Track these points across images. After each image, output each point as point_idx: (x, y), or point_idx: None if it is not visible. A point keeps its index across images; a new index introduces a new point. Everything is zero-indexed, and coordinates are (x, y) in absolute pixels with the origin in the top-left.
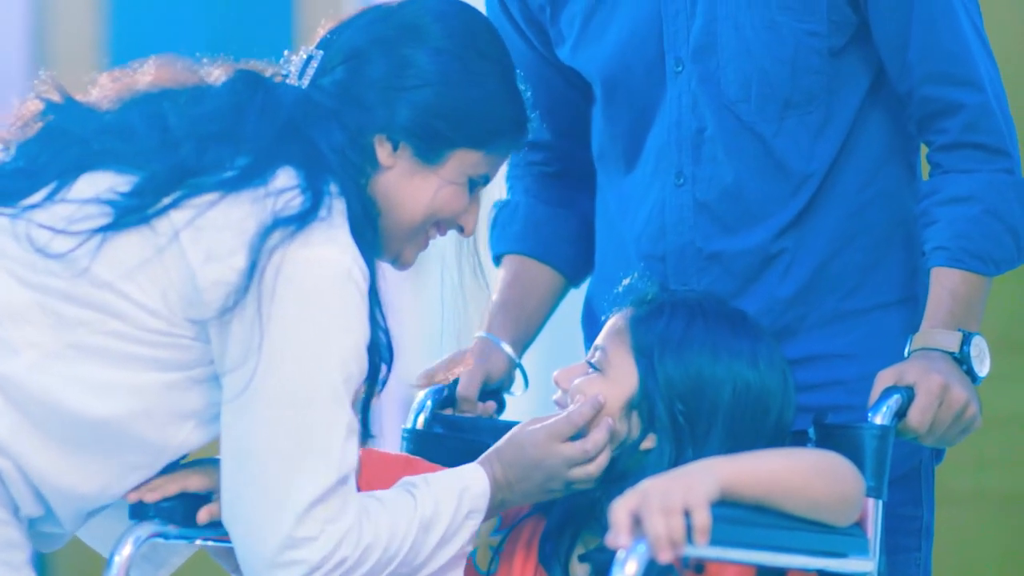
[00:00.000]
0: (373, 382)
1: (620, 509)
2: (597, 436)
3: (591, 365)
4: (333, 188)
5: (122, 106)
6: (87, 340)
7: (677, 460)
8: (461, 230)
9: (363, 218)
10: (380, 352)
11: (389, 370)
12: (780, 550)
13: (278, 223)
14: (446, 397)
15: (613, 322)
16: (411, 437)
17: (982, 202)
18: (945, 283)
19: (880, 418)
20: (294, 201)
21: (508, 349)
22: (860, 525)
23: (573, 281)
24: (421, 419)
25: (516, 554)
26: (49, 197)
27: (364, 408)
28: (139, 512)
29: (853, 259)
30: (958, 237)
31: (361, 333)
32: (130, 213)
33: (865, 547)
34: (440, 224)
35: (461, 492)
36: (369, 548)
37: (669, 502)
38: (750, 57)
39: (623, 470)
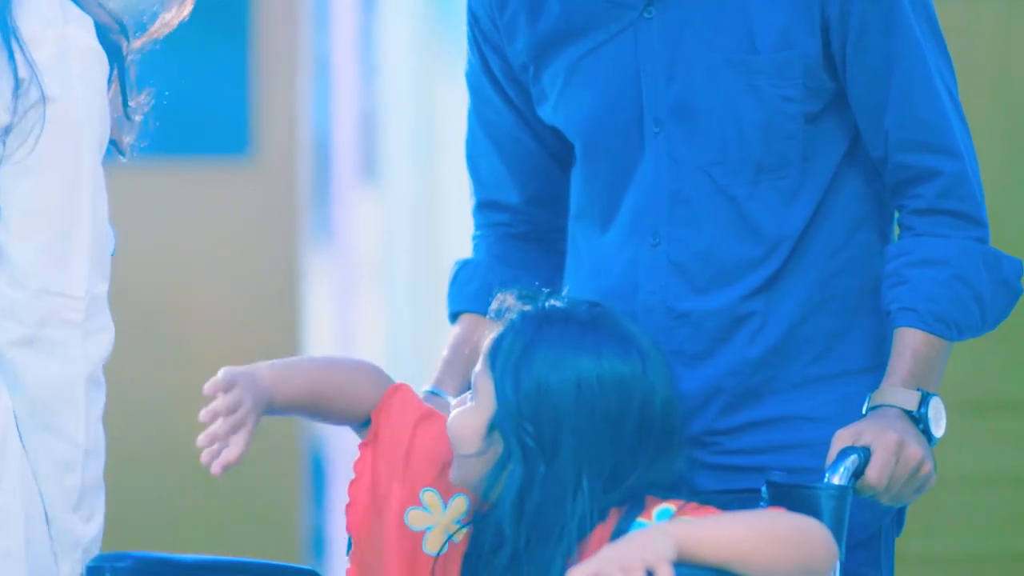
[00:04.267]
0: None
1: (578, 574)
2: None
3: (471, 394)
4: None
5: None
6: None
7: (530, 479)
8: None
9: None
10: None
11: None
12: None
13: None
14: None
15: (485, 344)
16: None
17: (952, 267)
18: (909, 343)
19: (837, 478)
20: None
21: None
22: None
23: None
24: None
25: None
26: None
27: None
28: (94, 573)
29: (823, 324)
30: (926, 299)
31: None
32: None
33: None
34: None
35: None
36: None
37: (628, 562)
38: (725, 121)
39: (489, 496)
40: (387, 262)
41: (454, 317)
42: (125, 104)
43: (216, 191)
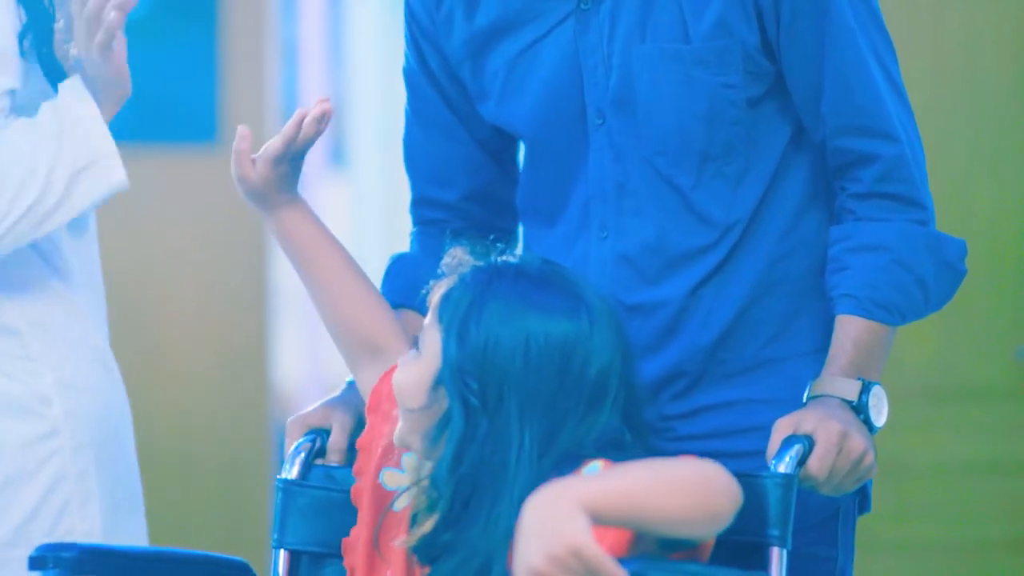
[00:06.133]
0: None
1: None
2: None
3: (416, 349)
4: None
5: None
6: None
7: (471, 436)
8: None
9: None
10: None
11: None
12: None
13: None
14: (319, 448)
15: (432, 297)
16: (285, 487)
17: (892, 252)
18: (849, 331)
19: (783, 467)
20: None
21: None
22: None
23: None
24: (296, 469)
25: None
26: None
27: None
28: (39, 564)
29: (774, 306)
30: (866, 286)
31: None
32: None
33: None
34: None
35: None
36: None
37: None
38: (666, 111)
39: (430, 455)
40: (355, 248)
41: None
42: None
43: (183, 178)
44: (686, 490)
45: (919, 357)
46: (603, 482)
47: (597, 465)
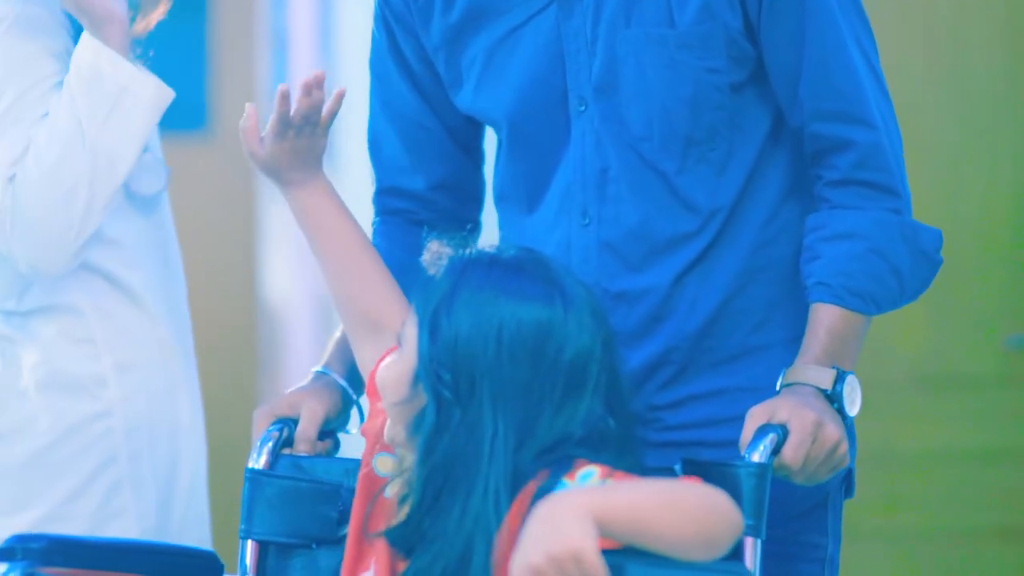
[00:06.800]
0: None
1: None
2: None
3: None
4: None
5: None
6: None
7: (443, 427)
8: None
9: None
10: None
11: None
12: None
13: None
14: (287, 438)
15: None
16: (253, 477)
17: (867, 240)
18: (823, 319)
19: (758, 456)
20: None
21: (345, 386)
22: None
23: None
24: (263, 459)
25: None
26: None
27: None
28: (7, 555)
29: (759, 294)
30: (840, 274)
31: None
32: None
33: None
34: None
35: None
36: None
37: (557, 555)
38: (650, 96)
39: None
40: None
41: None
42: None
43: (173, 166)
44: (693, 516)
45: (909, 345)
46: (616, 496)
47: (594, 470)
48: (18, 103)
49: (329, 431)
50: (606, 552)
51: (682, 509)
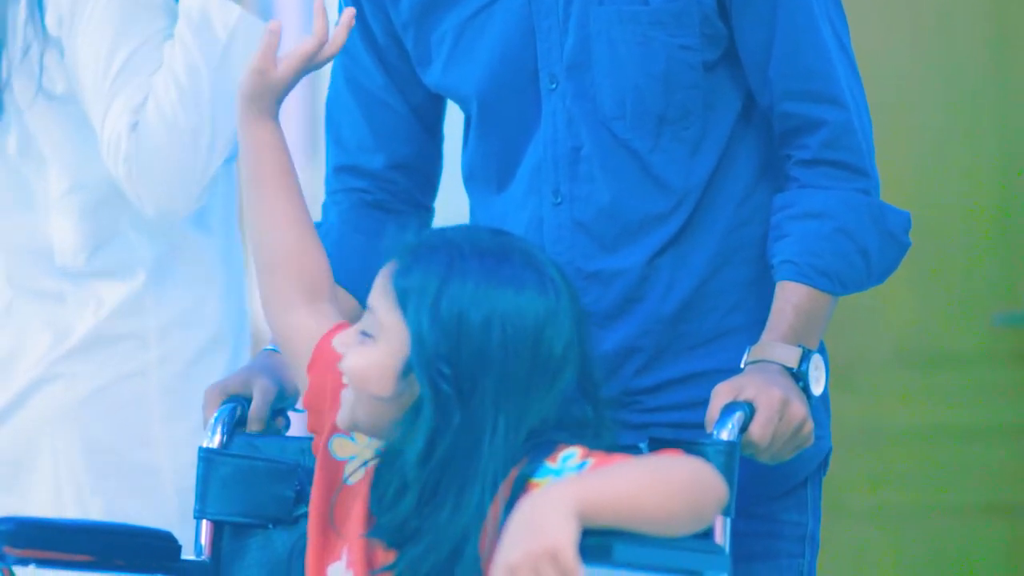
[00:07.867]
0: None
1: None
2: None
3: (364, 333)
4: None
5: None
6: None
7: (444, 425)
8: None
9: None
10: None
11: None
12: (638, 568)
13: None
14: (241, 416)
15: (379, 278)
16: (207, 456)
17: (835, 220)
18: (790, 297)
19: (726, 433)
20: None
21: None
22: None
23: None
24: (217, 438)
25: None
26: None
27: None
28: None
29: (734, 275)
30: (807, 253)
31: None
32: None
33: (724, 564)
34: None
35: None
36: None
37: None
38: (623, 73)
39: (401, 443)
40: None
41: None
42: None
43: None
44: (680, 492)
45: (895, 323)
46: (601, 484)
47: (575, 452)
48: (135, 56)
49: (280, 409)
50: (592, 531)
51: (672, 487)
